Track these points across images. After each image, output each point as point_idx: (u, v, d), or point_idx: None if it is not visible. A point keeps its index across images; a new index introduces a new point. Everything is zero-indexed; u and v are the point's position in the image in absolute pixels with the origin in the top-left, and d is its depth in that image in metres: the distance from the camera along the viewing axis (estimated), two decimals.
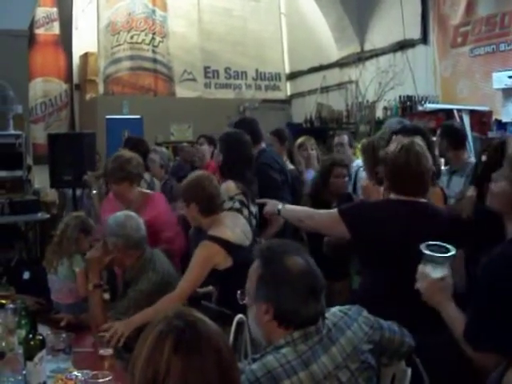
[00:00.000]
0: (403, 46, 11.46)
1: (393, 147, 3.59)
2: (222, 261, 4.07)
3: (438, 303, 2.65)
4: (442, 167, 6.53)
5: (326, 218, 3.73)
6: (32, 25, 12.43)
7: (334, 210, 3.66)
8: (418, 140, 3.65)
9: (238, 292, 2.56)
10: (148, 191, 5.48)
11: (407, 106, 10.57)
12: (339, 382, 2.35)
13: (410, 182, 3.47)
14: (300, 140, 7.48)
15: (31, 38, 12.33)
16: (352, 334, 2.47)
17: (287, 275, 2.38)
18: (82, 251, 4.70)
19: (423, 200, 3.53)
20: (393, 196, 3.55)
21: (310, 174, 6.61)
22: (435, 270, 2.66)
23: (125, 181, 5.01)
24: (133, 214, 4.35)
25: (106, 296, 4.49)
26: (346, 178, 5.65)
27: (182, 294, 4.01)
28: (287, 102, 15.40)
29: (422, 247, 2.71)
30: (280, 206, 4.02)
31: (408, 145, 3.50)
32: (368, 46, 12.45)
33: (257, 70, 15.26)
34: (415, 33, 11.19)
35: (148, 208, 5.04)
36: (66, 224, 4.84)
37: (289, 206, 4.10)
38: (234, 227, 4.27)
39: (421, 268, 2.70)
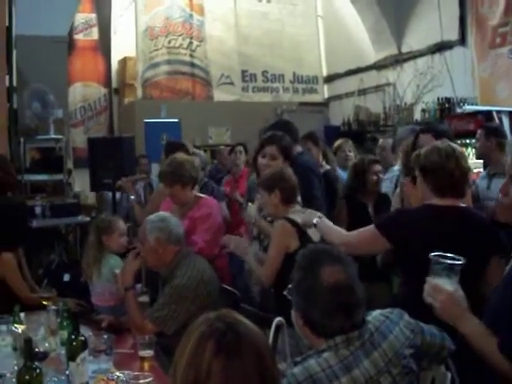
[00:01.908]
0: (441, 47, 11.35)
1: (428, 149, 3.56)
2: (293, 242, 4.17)
3: (456, 318, 2.48)
4: (481, 170, 6.49)
5: (364, 237, 3.64)
6: (71, 31, 12.61)
7: (371, 227, 3.59)
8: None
9: (288, 287, 2.58)
10: (202, 195, 5.51)
11: (445, 108, 10.49)
12: None
13: (450, 184, 3.42)
14: (338, 142, 7.53)
15: (70, 44, 12.50)
16: (394, 339, 2.46)
17: (318, 289, 2.38)
18: (113, 251, 4.75)
19: (462, 205, 3.49)
20: (434, 200, 3.49)
21: (345, 175, 6.61)
22: (449, 281, 2.48)
23: (177, 183, 5.10)
24: (171, 214, 4.47)
25: (145, 298, 4.55)
26: (381, 175, 5.70)
27: (267, 272, 4.26)
28: (325, 104, 15.35)
29: (432, 257, 2.52)
30: (316, 219, 3.97)
31: (446, 147, 3.48)
32: (405, 48, 12.37)
33: (294, 73, 15.24)
34: (453, 34, 11.07)
35: (198, 207, 5.15)
36: (89, 234, 4.96)
37: (325, 223, 3.98)
38: None
39: (430, 280, 2.51)
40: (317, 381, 2.25)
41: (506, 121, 8.71)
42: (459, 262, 2.49)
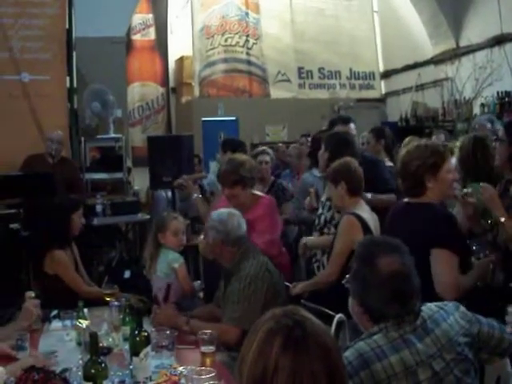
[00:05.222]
0: (501, 40, 11.14)
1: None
2: (360, 238, 4.03)
3: None
4: None
5: (455, 268, 3.47)
6: (129, 31, 12.80)
7: (445, 255, 3.41)
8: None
9: (347, 276, 2.61)
10: (259, 193, 5.35)
11: (505, 102, 10.33)
12: (432, 370, 2.35)
13: None
14: (407, 140, 7.48)
15: (128, 44, 12.67)
16: (448, 327, 2.47)
17: (375, 278, 2.42)
18: (169, 247, 4.77)
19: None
20: None
21: None
22: None
23: (238, 184, 4.95)
24: (236, 211, 4.39)
25: (201, 294, 4.57)
26: None
27: (333, 267, 4.33)
28: (382, 100, 15.25)
29: None
30: None
31: None
32: (464, 42, 12.19)
33: (350, 70, 15.17)
34: None
35: (256, 208, 5.03)
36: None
37: None
38: (369, 214, 4.47)
39: None
40: (367, 359, 2.30)
41: None
42: None
